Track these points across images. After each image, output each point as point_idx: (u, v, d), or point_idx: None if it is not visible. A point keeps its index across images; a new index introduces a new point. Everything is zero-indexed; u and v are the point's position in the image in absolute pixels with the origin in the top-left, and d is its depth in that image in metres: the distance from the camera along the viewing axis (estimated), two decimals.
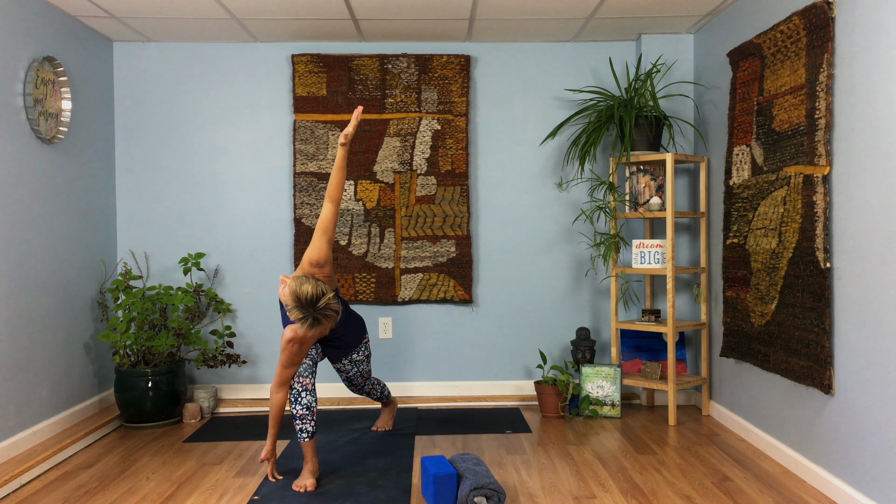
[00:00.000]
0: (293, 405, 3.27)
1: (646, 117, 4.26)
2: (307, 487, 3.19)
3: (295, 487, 3.19)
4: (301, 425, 3.25)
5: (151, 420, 4.19)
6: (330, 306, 3.08)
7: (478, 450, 3.73)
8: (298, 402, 3.25)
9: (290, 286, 3.07)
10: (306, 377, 3.28)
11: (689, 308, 4.61)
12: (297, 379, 3.27)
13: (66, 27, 4.08)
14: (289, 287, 3.07)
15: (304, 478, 3.23)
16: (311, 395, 3.26)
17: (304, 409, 3.24)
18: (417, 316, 4.75)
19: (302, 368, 3.28)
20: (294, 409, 3.27)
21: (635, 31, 4.55)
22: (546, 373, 4.71)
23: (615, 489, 3.14)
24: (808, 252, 3.13)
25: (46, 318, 3.82)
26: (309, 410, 3.25)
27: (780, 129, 3.39)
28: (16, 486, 3.25)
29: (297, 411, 3.26)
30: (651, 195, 4.34)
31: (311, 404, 3.26)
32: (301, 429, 3.25)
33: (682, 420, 4.26)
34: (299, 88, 4.65)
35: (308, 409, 3.25)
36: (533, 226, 4.75)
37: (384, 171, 4.68)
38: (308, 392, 3.26)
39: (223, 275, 4.71)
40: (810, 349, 3.11)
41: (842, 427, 2.95)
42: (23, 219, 3.63)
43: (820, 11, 3.02)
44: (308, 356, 3.32)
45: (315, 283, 3.06)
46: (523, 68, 4.74)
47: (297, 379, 3.27)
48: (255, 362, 4.73)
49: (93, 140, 4.37)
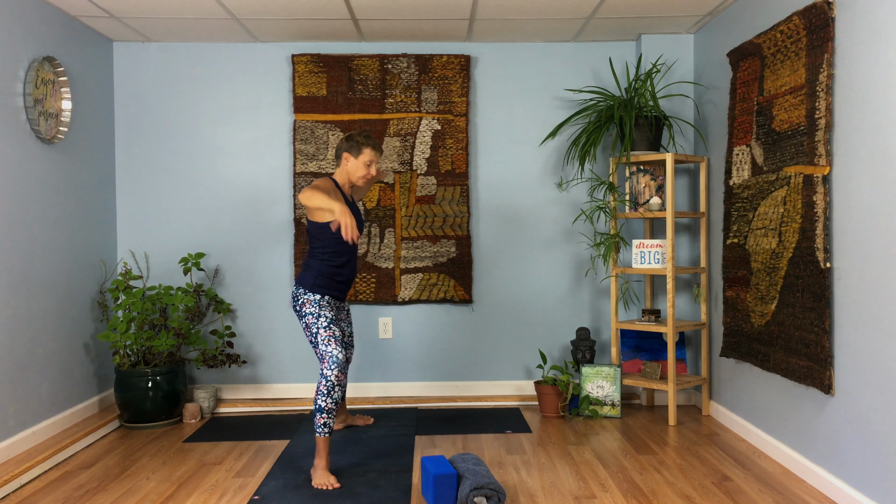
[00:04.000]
0: (324, 398, 3.20)
1: (646, 117, 4.26)
2: (333, 484, 3.15)
3: (317, 486, 3.16)
4: (325, 419, 3.21)
5: (151, 420, 4.19)
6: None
7: (478, 450, 3.73)
8: (330, 396, 3.20)
9: (316, 185, 3.27)
10: (343, 374, 3.25)
11: (689, 308, 4.61)
12: (337, 374, 3.21)
13: (66, 27, 4.08)
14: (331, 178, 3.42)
15: (326, 476, 3.20)
16: (342, 392, 3.26)
17: (334, 403, 3.23)
18: (417, 316, 4.75)
19: (342, 364, 3.23)
20: (324, 401, 3.21)
21: (635, 31, 4.55)
22: (546, 373, 4.71)
23: (615, 489, 3.14)
24: (808, 252, 3.13)
25: (46, 318, 3.83)
26: (336, 406, 3.25)
27: (780, 129, 3.39)
28: (16, 486, 3.25)
29: (325, 404, 3.20)
30: (651, 195, 4.34)
31: (339, 401, 3.26)
32: (325, 423, 3.22)
33: (682, 420, 4.26)
34: (299, 88, 4.65)
35: (336, 405, 3.25)
36: (533, 226, 4.75)
37: (384, 171, 4.68)
38: (341, 387, 3.24)
39: (223, 275, 4.71)
40: (810, 349, 3.11)
41: (842, 427, 2.95)
42: (23, 219, 3.63)
43: (820, 11, 3.02)
44: (340, 340, 3.28)
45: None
46: (523, 68, 4.74)
47: (337, 374, 3.21)
48: (255, 362, 4.73)
49: (93, 140, 4.37)
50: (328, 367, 3.23)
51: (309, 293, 3.35)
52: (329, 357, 3.24)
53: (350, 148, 3.42)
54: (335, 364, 3.23)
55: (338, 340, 3.28)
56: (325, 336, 3.28)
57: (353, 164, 3.43)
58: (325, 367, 3.23)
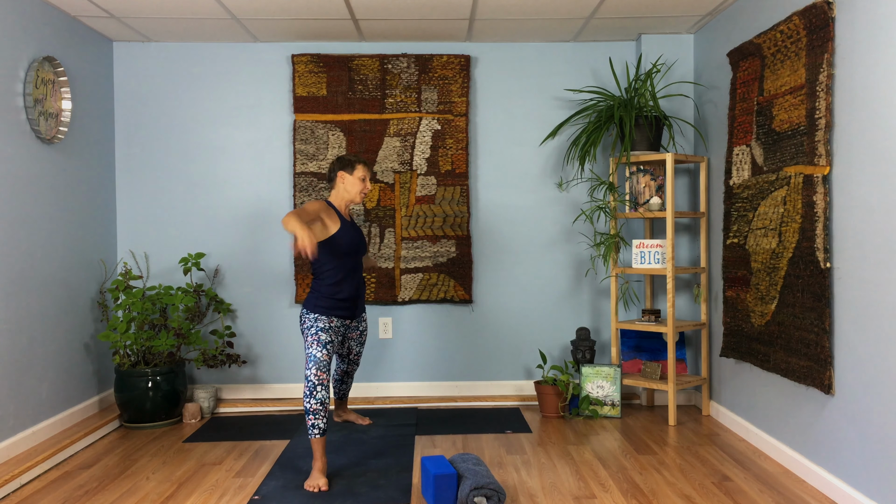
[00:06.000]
0: (308, 399, 3.24)
1: (646, 117, 4.25)
2: (321, 487, 3.15)
3: (308, 487, 3.16)
4: (314, 420, 3.23)
5: (151, 420, 4.19)
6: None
7: (478, 450, 3.73)
8: (313, 397, 3.23)
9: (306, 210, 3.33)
10: (324, 372, 3.27)
11: (689, 308, 4.61)
12: (315, 372, 3.25)
13: (66, 27, 4.08)
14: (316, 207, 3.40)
15: (316, 477, 3.20)
16: (327, 391, 3.27)
17: (319, 403, 3.24)
18: (417, 316, 4.75)
19: (321, 362, 3.27)
20: (308, 403, 3.24)
21: (635, 31, 4.55)
22: (546, 373, 4.71)
23: (615, 489, 3.14)
24: (808, 252, 3.13)
25: (46, 318, 3.83)
26: (323, 406, 3.25)
27: (780, 129, 3.39)
28: (16, 486, 3.25)
29: (311, 406, 3.23)
30: (651, 195, 4.34)
31: (325, 400, 3.26)
32: (313, 424, 3.23)
33: (682, 420, 4.26)
34: (299, 88, 4.65)
35: (322, 405, 3.25)
36: (533, 226, 4.75)
37: (384, 171, 4.68)
38: (324, 387, 3.25)
39: (223, 275, 4.71)
40: (810, 349, 3.11)
41: (842, 427, 2.95)
42: (23, 219, 3.63)
43: (820, 11, 3.02)
44: (328, 346, 3.32)
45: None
46: (523, 68, 4.74)
47: (315, 372, 3.25)
48: (255, 362, 4.73)
49: (93, 140, 4.37)
50: (307, 367, 3.29)
51: (310, 313, 3.41)
52: (308, 357, 3.31)
53: (343, 166, 3.57)
54: (313, 362, 3.28)
55: (321, 344, 3.32)
56: (310, 341, 3.34)
57: (350, 180, 3.56)
58: (306, 368, 3.30)
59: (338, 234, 3.44)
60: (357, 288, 3.57)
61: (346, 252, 3.47)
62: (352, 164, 3.57)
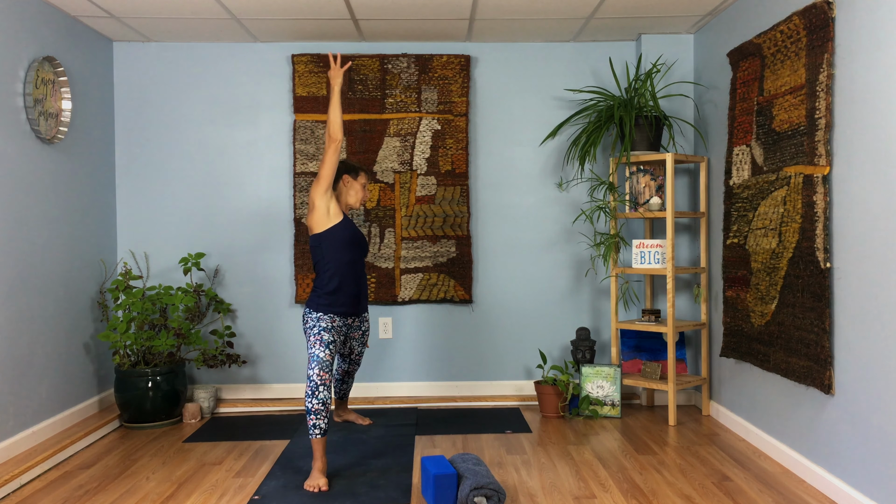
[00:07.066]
0: (309, 399, 3.25)
1: (646, 117, 4.26)
2: (321, 487, 3.15)
3: (307, 487, 3.17)
4: (315, 421, 3.24)
5: (151, 420, 4.19)
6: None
7: (478, 450, 3.73)
8: (315, 397, 3.24)
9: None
10: (327, 372, 3.28)
11: (689, 308, 4.61)
12: (318, 373, 3.26)
13: (66, 27, 4.08)
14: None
15: (316, 477, 3.20)
16: (329, 392, 3.28)
17: (321, 404, 3.25)
18: (417, 316, 4.75)
19: (324, 362, 3.28)
20: (310, 403, 3.25)
21: (635, 31, 4.55)
22: (546, 373, 4.71)
23: (615, 489, 3.14)
24: (808, 252, 3.13)
25: (46, 318, 3.83)
26: (324, 406, 3.26)
27: (780, 129, 3.39)
28: (16, 486, 3.25)
29: (312, 406, 3.24)
30: (651, 195, 4.34)
31: (327, 400, 3.27)
32: (314, 424, 3.24)
33: (682, 420, 4.26)
34: (299, 88, 4.65)
35: (324, 405, 3.25)
36: (533, 226, 4.76)
37: (384, 171, 4.68)
38: (326, 388, 3.26)
39: (223, 275, 4.71)
40: (810, 349, 3.11)
41: (842, 427, 2.95)
42: (23, 219, 3.63)
43: (820, 11, 3.02)
44: (330, 346, 3.33)
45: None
46: (523, 68, 4.74)
47: (318, 373, 3.26)
48: (255, 362, 4.73)
49: (93, 140, 4.37)
50: (310, 367, 3.29)
51: (312, 312, 3.42)
52: (311, 357, 3.31)
53: (349, 171, 3.67)
54: (316, 362, 3.28)
55: (324, 343, 3.32)
56: (313, 341, 3.34)
57: (353, 185, 3.67)
58: (308, 368, 3.30)
59: (339, 226, 3.46)
60: (359, 284, 3.58)
61: (347, 245, 3.48)
62: (356, 171, 3.69)
